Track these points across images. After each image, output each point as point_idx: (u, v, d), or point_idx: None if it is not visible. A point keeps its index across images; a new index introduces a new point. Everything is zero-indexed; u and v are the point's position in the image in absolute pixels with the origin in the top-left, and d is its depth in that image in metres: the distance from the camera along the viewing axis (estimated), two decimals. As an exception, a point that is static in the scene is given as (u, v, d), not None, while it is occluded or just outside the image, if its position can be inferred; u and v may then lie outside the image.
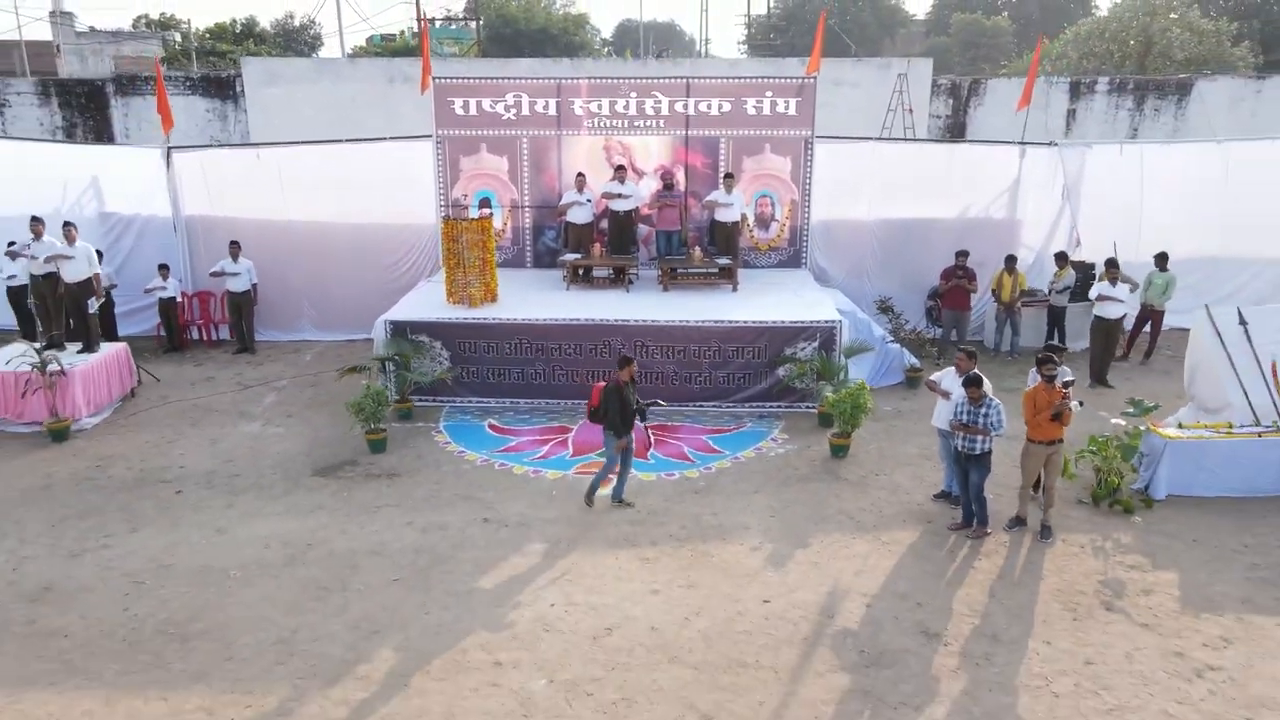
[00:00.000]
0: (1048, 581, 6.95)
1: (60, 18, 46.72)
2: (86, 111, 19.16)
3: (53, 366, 9.72)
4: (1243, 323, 8.91)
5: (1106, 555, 7.32)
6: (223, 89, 19.10)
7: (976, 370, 7.56)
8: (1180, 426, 8.60)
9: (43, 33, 45.83)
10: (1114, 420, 8.63)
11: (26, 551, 7.49)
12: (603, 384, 7.99)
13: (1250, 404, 8.62)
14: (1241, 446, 8.27)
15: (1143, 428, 8.35)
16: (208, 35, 49.85)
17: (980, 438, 7.38)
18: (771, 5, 57.96)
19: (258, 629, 6.39)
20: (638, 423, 8.19)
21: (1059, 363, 7.75)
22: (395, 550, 7.47)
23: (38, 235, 10.49)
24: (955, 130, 18.99)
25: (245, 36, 51.79)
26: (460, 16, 49.49)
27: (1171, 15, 25.58)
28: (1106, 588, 6.85)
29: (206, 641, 6.26)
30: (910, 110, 17.34)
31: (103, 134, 19.07)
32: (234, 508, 8.27)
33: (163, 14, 64.08)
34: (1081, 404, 7.97)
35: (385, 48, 50.63)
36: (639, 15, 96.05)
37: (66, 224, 10.57)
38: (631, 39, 69.01)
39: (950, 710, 5.51)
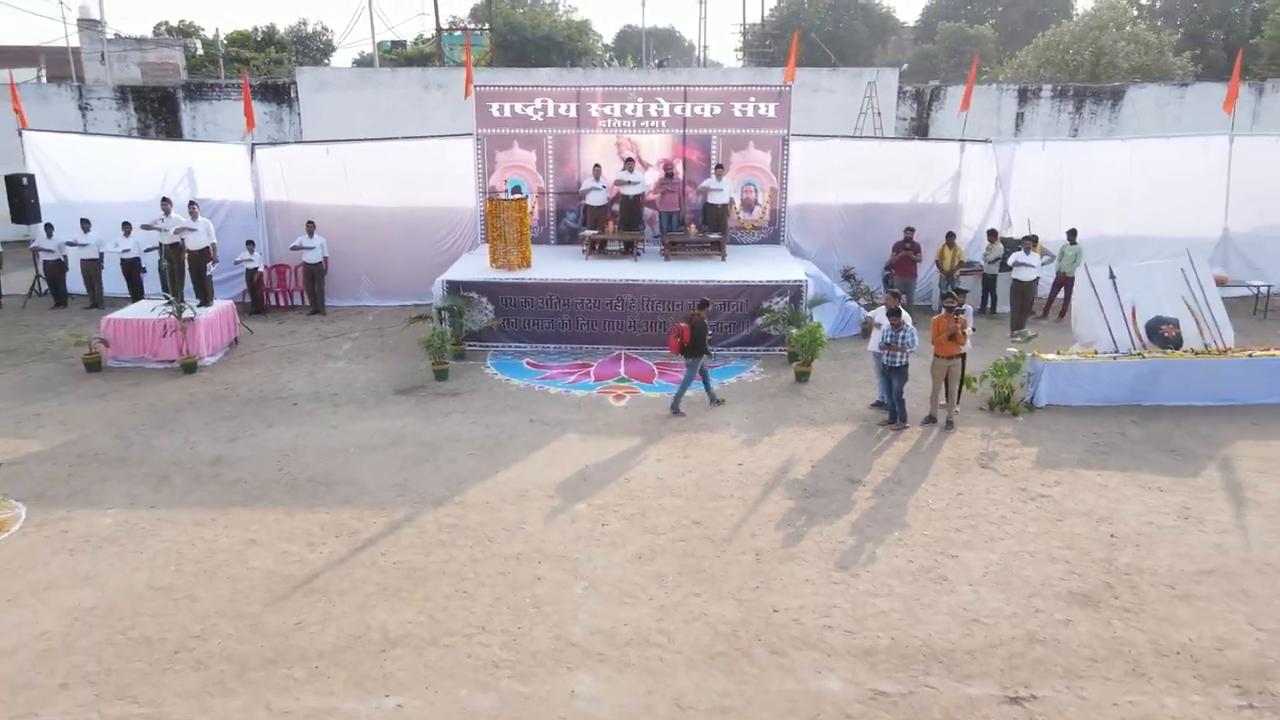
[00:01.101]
0: (943, 453, 9.60)
1: (87, 25, 49.44)
2: (159, 114, 21.88)
3: (187, 314, 12.38)
4: (1112, 278, 11.57)
5: (990, 439, 9.97)
6: (279, 94, 21.80)
7: (898, 305, 10.25)
8: (1058, 353, 11.26)
9: (64, 38, 48.31)
10: (1008, 349, 11.25)
11: (195, 438, 10.14)
12: (685, 324, 10.65)
13: (1113, 338, 11.28)
14: (1102, 368, 10.93)
15: (1028, 354, 11.01)
16: (232, 43, 52.39)
17: (900, 353, 10.05)
18: (765, 15, 60.52)
19: (378, 480, 9.03)
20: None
21: (960, 301, 10.42)
22: (467, 438, 10.11)
23: (166, 212, 13.19)
24: (920, 130, 21.67)
25: (267, 44, 54.53)
26: (474, 27, 52.05)
27: (1117, 29, 28.22)
28: (984, 456, 9.50)
29: (345, 486, 8.91)
30: (879, 113, 20.02)
31: (173, 134, 21.76)
32: (339, 413, 10.92)
33: (182, 21, 66.76)
34: (975, 329, 10.64)
35: (400, 55, 53.41)
36: (640, 22, 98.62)
37: (191, 202, 13.30)
38: (633, 44, 71.73)
39: (859, 517, 8.16)
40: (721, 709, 5.63)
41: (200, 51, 52.79)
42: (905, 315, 10.20)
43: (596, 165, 15.14)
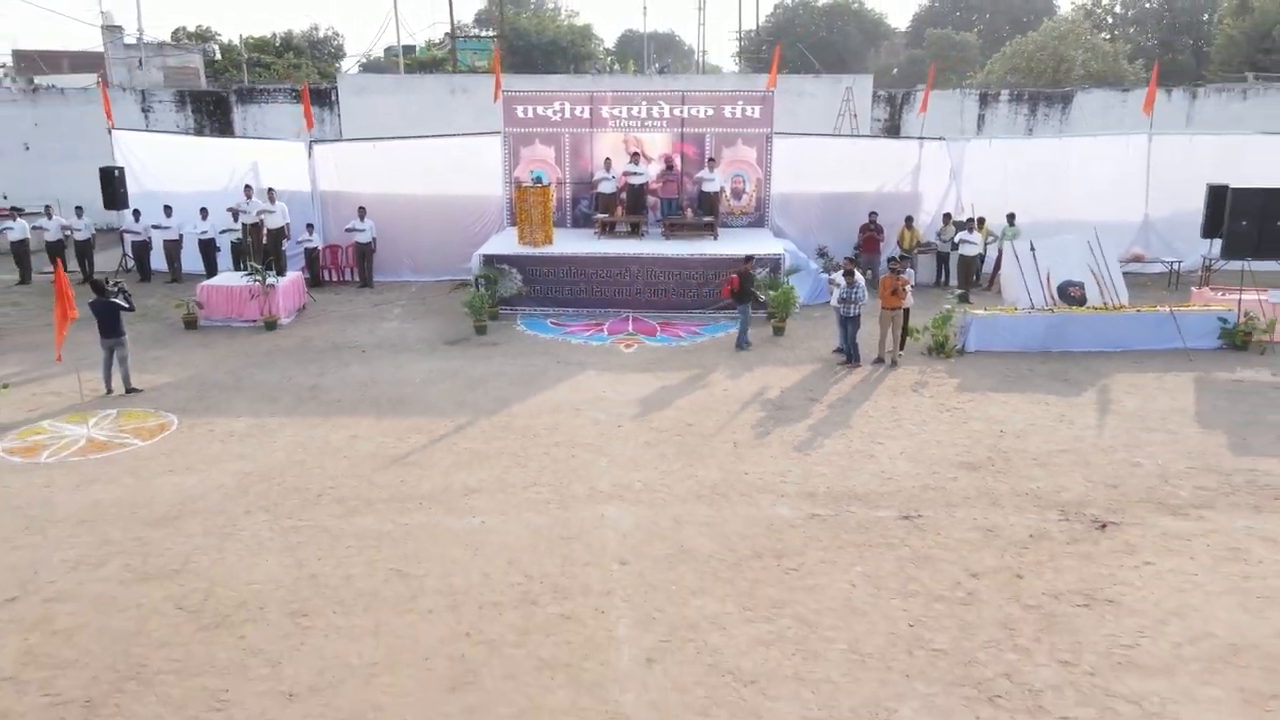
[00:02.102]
0: (885, 383, 12.16)
1: (110, 31, 52.05)
2: (213, 115, 24.46)
3: (270, 281, 14.95)
4: (1032, 250, 14.12)
5: (925, 374, 12.52)
6: (321, 98, 24.37)
7: (852, 268, 12.83)
8: (985, 309, 13.83)
9: (91, 43, 50.87)
10: (944, 306, 13.79)
11: (290, 374, 12.70)
12: (735, 274, 13.28)
13: (1031, 298, 13.83)
14: (1020, 320, 13.49)
15: (960, 309, 13.57)
16: (253, 49, 54.88)
17: (854, 305, 12.61)
18: (760, 23, 62.97)
19: (441, 400, 11.57)
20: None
21: (902, 266, 13.00)
22: (507, 373, 12.66)
23: (249, 197, 15.73)
24: (892, 130, 24.24)
25: (285, 49, 57.04)
26: (484, 34, 54.49)
27: (1075, 40, 30.81)
28: (918, 385, 12.05)
29: (416, 403, 11.46)
30: (855, 115, 22.60)
31: (225, 133, 24.31)
32: (401, 358, 13.48)
33: (199, 26, 69.33)
34: (914, 284, 13.20)
35: (412, 60, 55.94)
36: (641, 26, 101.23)
37: (269, 189, 15.85)
38: (634, 48, 74.33)
39: (814, 421, 10.70)
40: (705, 522, 8.18)
41: (219, 57, 55.37)
42: (858, 276, 12.77)
43: (607, 159, 17.72)
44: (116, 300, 11.56)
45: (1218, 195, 14.44)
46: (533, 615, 6.71)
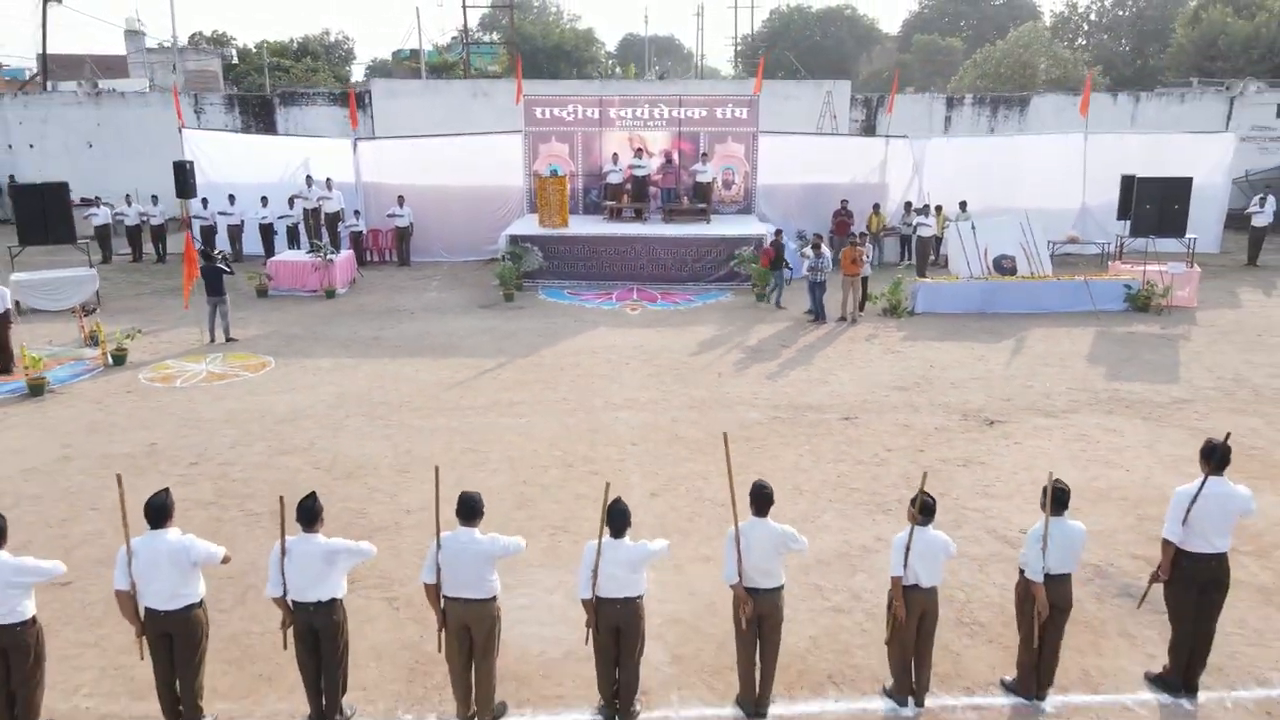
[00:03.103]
0: (845, 335, 14.87)
1: (133, 36, 54.78)
2: (259, 116, 27.18)
3: (330, 256, 17.66)
4: (973, 229, 16.83)
5: (878, 329, 15.22)
6: (357, 100, 27.01)
7: (819, 241, 15.54)
8: (931, 278, 16.54)
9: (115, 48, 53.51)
10: (896, 276, 16.49)
11: (355, 329, 15.40)
12: (770, 247, 15.97)
13: (970, 269, 16.54)
14: (960, 286, 16.20)
15: (911, 279, 16.27)
16: (272, 53, 57.48)
17: (820, 273, 15.32)
18: (756, 29, 65.59)
19: (482, 346, 14.27)
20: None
21: (860, 240, 15.71)
22: (533, 329, 15.35)
23: (309, 185, 18.44)
24: (868, 129, 26.93)
25: (302, 54, 59.66)
26: (494, 41, 57.05)
27: (1038, 48, 33.55)
28: (871, 337, 14.75)
29: (462, 349, 14.15)
30: (834, 116, 25.31)
31: (269, 131, 27.00)
32: (445, 317, 16.17)
33: (214, 31, 72.03)
34: (870, 260, 15.90)
35: (427, 64, 58.56)
36: (642, 30, 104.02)
37: (328, 179, 18.56)
38: (635, 52, 77.04)
39: (783, 361, 13.40)
40: (693, 421, 10.86)
41: (236, 61, 58.02)
42: (825, 249, 15.50)
43: (614, 154, 20.43)
44: (221, 266, 14.28)
45: (1128, 184, 17.15)
46: (569, 472, 9.40)
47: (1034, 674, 5.66)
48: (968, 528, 8.04)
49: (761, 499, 5.51)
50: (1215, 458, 5.50)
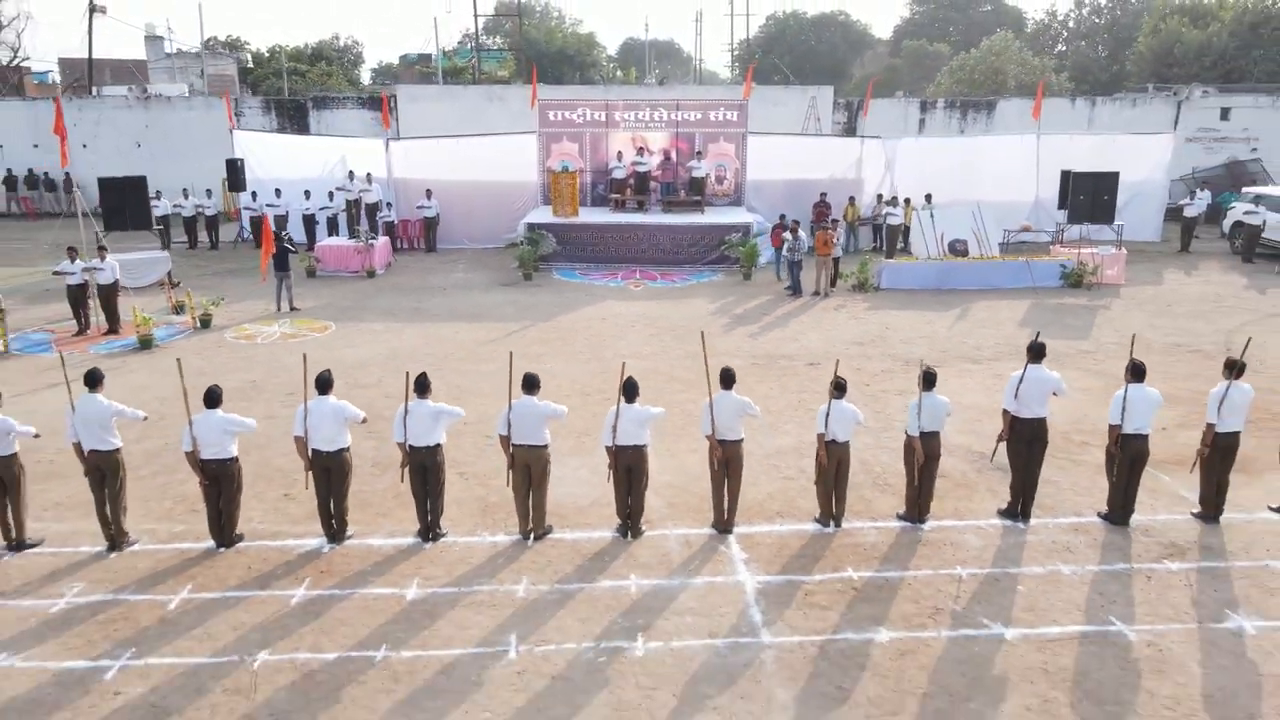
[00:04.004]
0: (817, 306, 17.40)
1: (152, 42, 57.14)
2: (293, 118, 29.73)
3: (370, 241, 20.21)
4: (932, 217, 19.38)
5: (847, 301, 17.76)
6: (380, 105, 29.61)
7: (796, 226, 18.11)
8: (895, 258, 19.09)
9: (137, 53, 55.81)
10: (865, 257, 19.00)
11: (396, 302, 17.93)
12: (785, 232, 18.50)
13: (928, 250, 19.07)
14: (919, 266, 18.74)
15: (878, 261, 18.80)
16: (290, 58, 59.87)
17: (797, 253, 17.87)
18: (752, 35, 68.00)
19: (508, 315, 16.80)
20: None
21: (832, 225, 18.26)
22: (550, 302, 17.88)
23: (351, 179, 20.99)
24: (850, 130, 29.44)
25: (317, 59, 62.12)
26: (501, 49, 59.43)
27: (1008, 55, 36.13)
28: (840, 307, 17.30)
29: (492, 317, 16.68)
30: (818, 119, 27.85)
31: (302, 132, 29.53)
32: (472, 293, 18.71)
33: (229, 36, 74.50)
34: (840, 243, 18.46)
35: (431, 69, 60.93)
36: (642, 34, 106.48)
37: (368, 174, 21.10)
38: (635, 56, 79.55)
39: (762, 325, 15.93)
40: (686, 367, 13.38)
41: (251, 65, 60.45)
42: (801, 233, 18.06)
43: (619, 152, 22.99)
44: (288, 247, 16.83)
45: (1066, 178, 19.69)
46: (586, 400, 11.93)
47: (915, 505, 8.20)
48: (893, 431, 10.57)
49: (727, 377, 8.05)
50: (1034, 350, 8.04)
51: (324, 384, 7.86)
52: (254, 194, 23.35)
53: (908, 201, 22.20)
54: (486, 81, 43.99)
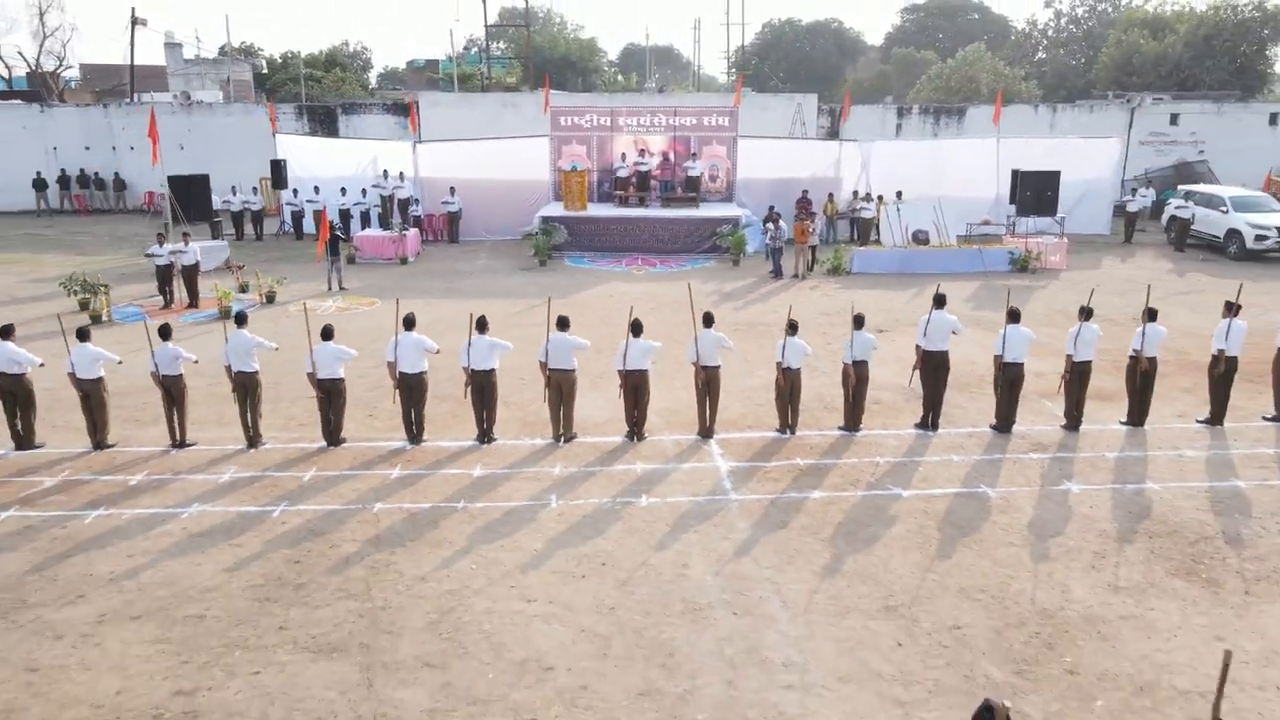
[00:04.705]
0: (795, 287, 20.11)
1: (171, 49, 59.74)
2: (323, 123, 32.46)
3: (403, 231, 22.92)
4: (899, 210, 22.10)
5: (821, 283, 20.47)
6: (403, 110, 32.37)
7: (777, 216, 20.83)
8: (863, 245, 21.81)
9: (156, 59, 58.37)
10: (838, 246, 21.68)
11: (430, 284, 20.63)
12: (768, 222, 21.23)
13: (894, 239, 21.78)
14: (885, 252, 21.46)
15: (851, 249, 21.52)
16: (307, 64, 62.49)
17: (778, 240, 20.58)
18: (746, 44, 70.60)
19: (529, 293, 19.49)
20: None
21: (809, 216, 20.98)
22: (564, 283, 20.57)
23: (385, 177, 23.72)
24: (833, 134, 32.15)
25: (331, 65, 64.79)
26: (509, 57, 61.99)
27: (981, 65, 38.95)
28: (814, 286, 20.01)
29: (515, 294, 19.38)
30: (804, 123, 30.58)
31: (332, 136, 32.25)
32: (495, 276, 21.41)
33: (243, 42, 77.19)
34: (817, 232, 21.18)
35: (443, 75, 63.51)
36: (642, 39, 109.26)
37: (401, 173, 23.83)
38: (636, 61, 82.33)
39: (747, 300, 18.64)
40: (680, 330, 16.10)
41: (265, 71, 63.08)
42: (781, 223, 20.79)
43: (623, 153, 25.73)
44: (339, 234, 19.56)
45: (1015, 176, 22.41)
46: (600, 353, 14.58)
47: (851, 418, 10.92)
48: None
49: (708, 318, 10.80)
50: (937, 300, 10.76)
51: (409, 323, 10.59)
52: (295, 191, 26.08)
53: (880, 198, 24.91)
54: (497, 88, 46.73)
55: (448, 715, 6.07)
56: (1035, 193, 21.45)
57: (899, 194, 24.99)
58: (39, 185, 31.68)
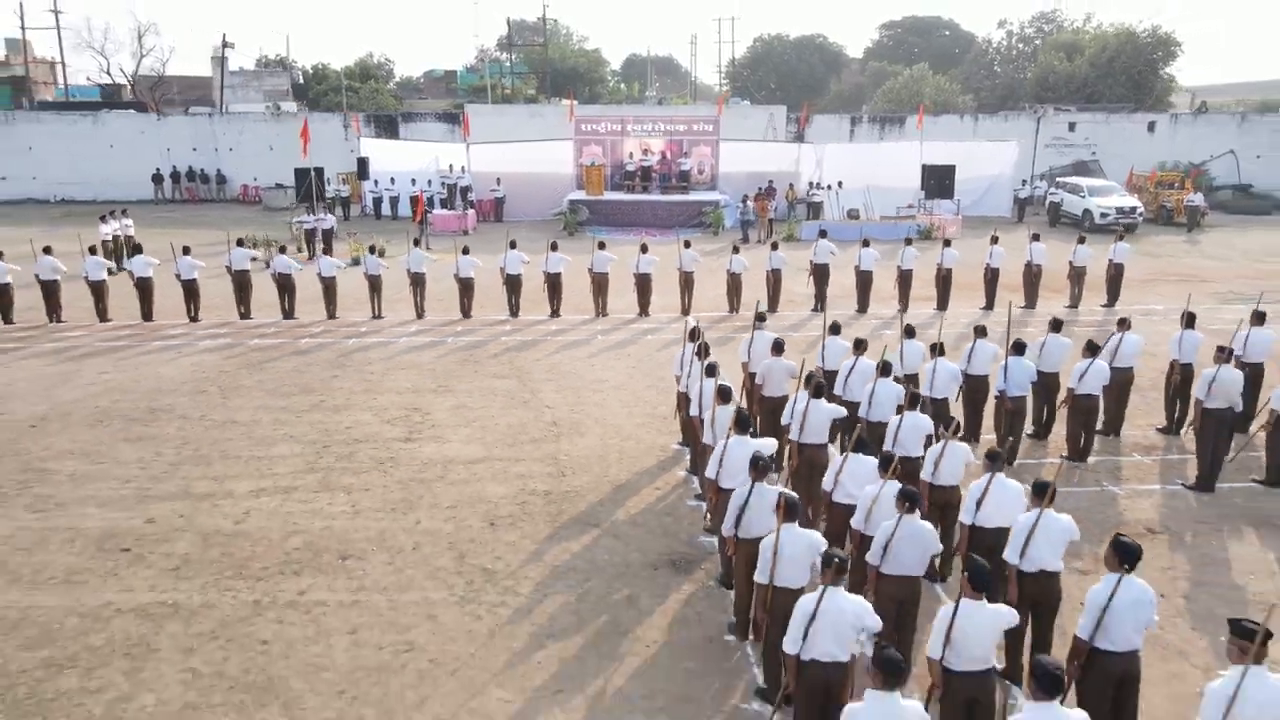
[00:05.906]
0: (761, 248, 27.63)
1: (217, 61, 67.20)
2: (387, 129, 39.97)
3: (465, 211, 30.45)
4: (838, 195, 29.59)
5: (781, 245, 27.96)
6: (452, 118, 39.86)
7: (747, 198, 28.37)
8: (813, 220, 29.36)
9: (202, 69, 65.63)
10: (794, 220, 29.08)
11: (491, 245, 28.15)
12: (756, 202, 28.69)
13: (834, 215, 29.27)
14: (826, 223, 29.01)
15: (802, 223, 29.04)
16: (344, 75, 69.73)
17: (748, 214, 28.09)
18: (737, 57, 78.00)
19: (566, 250, 27.01)
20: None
21: (769, 197, 28.52)
22: (589, 245, 28.07)
23: (450, 170, 31.29)
24: (798, 138, 39.62)
25: (366, 76, 72.17)
26: (524, 70, 69.25)
27: (924, 82, 46.52)
28: (774, 245, 27.50)
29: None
30: (774, 129, 38.12)
31: (394, 139, 39.67)
32: (536, 243, 28.75)
33: (278, 54, 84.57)
34: (777, 210, 28.71)
35: (464, 85, 70.93)
36: (643, 50, 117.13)
37: (462, 166, 31.42)
38: (637, 70, 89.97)
39: (720, 257, 26.15)
40: (671, 274, 23.56)
41: (301, 82, 70.40)
42: (749, 201, 28.36)
43: (630, 153, 33.32)
44: (428, 210, 27.11)
45: (923, 170, 29.95)
46: (625, 281, 22.06)
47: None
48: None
49: (686, 243, 18.28)
50: (821, 232, 18.29)
51: (514, 244, 18.07)
52: (375, 181, 33.61)
53: (828, 187, 32.46)
54: (518, 99, 54.27)
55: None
56: (937, 181, 28.95)
57: (839, 183, 32.56)
58: (157, 179, 39.21)
